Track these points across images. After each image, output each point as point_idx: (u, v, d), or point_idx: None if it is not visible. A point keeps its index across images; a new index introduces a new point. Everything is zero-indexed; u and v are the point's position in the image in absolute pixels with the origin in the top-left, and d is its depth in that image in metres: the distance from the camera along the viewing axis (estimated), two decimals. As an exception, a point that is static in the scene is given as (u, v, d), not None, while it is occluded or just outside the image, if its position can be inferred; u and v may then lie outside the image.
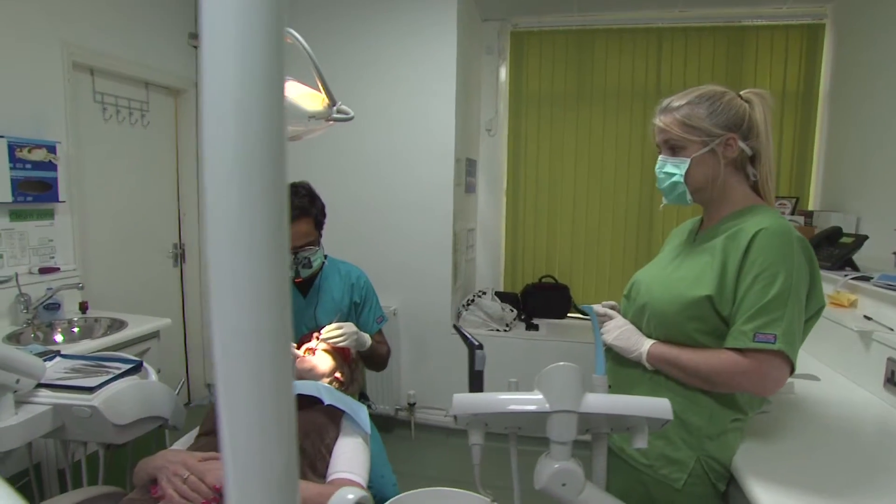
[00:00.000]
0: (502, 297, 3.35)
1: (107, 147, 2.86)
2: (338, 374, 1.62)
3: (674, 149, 1.24)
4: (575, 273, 3.52)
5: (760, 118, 1.22)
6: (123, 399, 1.47)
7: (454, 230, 3.05)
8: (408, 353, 3.16)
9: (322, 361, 1.60)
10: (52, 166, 2.35)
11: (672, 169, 1.24)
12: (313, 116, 1.27)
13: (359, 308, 1.86)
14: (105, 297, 2.76)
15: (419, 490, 1.06)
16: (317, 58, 1.25)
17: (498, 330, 3.12)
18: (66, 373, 1.56)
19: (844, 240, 2.21)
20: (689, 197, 1.25)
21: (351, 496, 0.65)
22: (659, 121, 1.26)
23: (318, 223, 1.80)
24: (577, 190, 3.46)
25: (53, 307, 2.30)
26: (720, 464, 1.20)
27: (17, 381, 1.35)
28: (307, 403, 1.39)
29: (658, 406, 0.88)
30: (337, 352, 1.65)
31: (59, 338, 2.26)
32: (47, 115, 2.42)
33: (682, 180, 1.22)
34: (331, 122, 1.33)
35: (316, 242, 1.78)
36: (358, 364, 1.78)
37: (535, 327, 3.21)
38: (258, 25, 0.39)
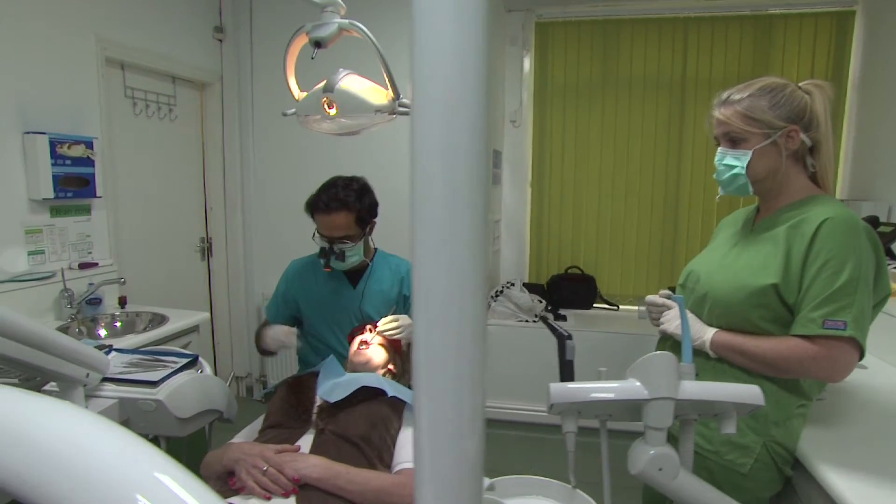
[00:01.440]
0: (529, 288, 3.36)
1: (137, 141, 2.87)
2: (390, 366, 1.64)
3: (734, 141, 1.24)
4: (601, 264, 3.53)
5: (821, 109, 1.23)
6: (185, 393, 1.49)
7: (483, 222, 3.05)
8: (437, 345, 3.17)
9: (377, 354, 1.61)
10: (89, 162, 2.36)
11: (732, 161, 1.25)
12: (379, 110, 1.28)
13: (408, 302, 1.87)
14: (138, 290, 2.78)
15: (502, 478, 1.08)
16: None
17: (527, 321, 3.14)
18: (124, 367, 1.57)
19: (883, 229, 2.22)
20: (750, 189, 1.25)
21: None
22: (719, 113, 1.26)
23: (361, 220, 1.74)
24: (603, 180, 3.46)
25: (95, 302, 2.32)
26: (786, 449, 1.22)
27: (87, 376, 1.37)
28: (371, 395, 1.41)
29: (750, 392, 0.90)
30: (390, 344, 1.67)
31: (102, 332, 2.29)
32: (83, 110, 2.43)
33: (743, 172, 1.23)
34: (394, 116, 1.33)
35: (355, 238, 1.73)
36: (408, 356, 1.79)
37: (563, 318, 3.23)
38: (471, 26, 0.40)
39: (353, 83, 1.28)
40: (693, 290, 1.36)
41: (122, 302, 2.50)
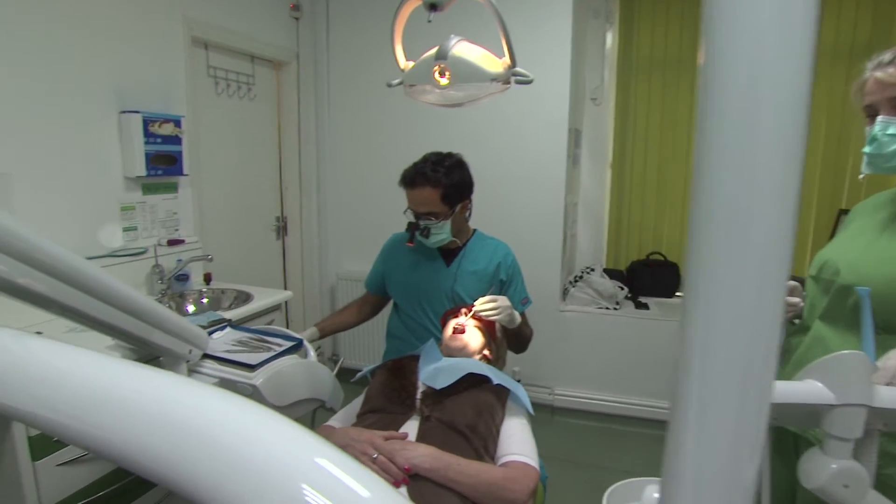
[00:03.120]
0: (608, 274, 3.22)
1: (218, 120, 2.90)
2: (486, 352, 1.57)
3: None
4: (684, 250, 3.33)
5: None
6: (283, 379, 1.42)
7: (565, 203, 2.93)
8: (512, 330, 3.09)
9: (473, 339, 1.54)
10: (177, 140, 2.39)
11: None
12: (495, 79, 1.19)
13: (504, 287, 1.79)
14: (218, 267, 2.81)
15: (635, 479, 0.99)
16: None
17: (608, 308, 3.00)
18: (232, 345, 1.54)
19: None
20: None
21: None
22: (886, 74, 1.09)
23: (448, 197, 1.67)
24: (689, 162, 3.24)
25: (183, 278, 2.36)
26: None
27: (190, 352, 1.36)
28: (475, 382, 1.34)
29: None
30: (485, 327, 1.59)
31: (190, 308, 2.32)
32: (171, 89, 2.46)
33: None
34: (509, 85, 1.24)
35: (440, 216, 1.68)
36: (503, 342, 1.72)
37: (645, 306, 3.07)
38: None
39: (467, 50, 1.19)
40: (832, 282, 1.21)
41: (208, 279, 2.54)
